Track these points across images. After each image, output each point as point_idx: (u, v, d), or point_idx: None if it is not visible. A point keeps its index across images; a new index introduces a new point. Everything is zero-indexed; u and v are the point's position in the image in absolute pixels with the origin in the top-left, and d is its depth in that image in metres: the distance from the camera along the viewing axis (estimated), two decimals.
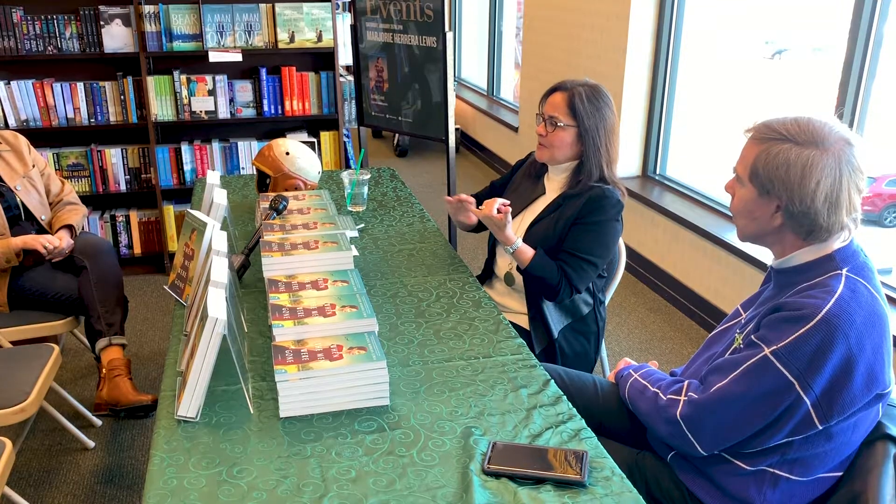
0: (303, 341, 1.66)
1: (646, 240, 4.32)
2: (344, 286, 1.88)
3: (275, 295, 1.84)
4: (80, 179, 4.22)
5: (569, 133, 2.26)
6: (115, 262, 2.85)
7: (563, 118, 2.25)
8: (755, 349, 1.51)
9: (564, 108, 2.25)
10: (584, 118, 2.24)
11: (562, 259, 2.25)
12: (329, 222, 2.26)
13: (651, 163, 4.49)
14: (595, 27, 4.64)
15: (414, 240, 2.58)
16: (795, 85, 4.32)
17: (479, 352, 1.83)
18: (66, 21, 3.99)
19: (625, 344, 3.64)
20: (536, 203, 2.39)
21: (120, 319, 2.75)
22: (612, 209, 2.25)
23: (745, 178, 1.56)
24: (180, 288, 2.09)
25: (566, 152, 2.29)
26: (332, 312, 1.74)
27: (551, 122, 2.26)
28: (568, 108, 2.25)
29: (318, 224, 2.24)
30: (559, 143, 2.27)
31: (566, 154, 2.29)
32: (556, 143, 2.28)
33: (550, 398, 1.64)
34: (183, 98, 4.17)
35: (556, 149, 2.28)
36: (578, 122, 2.24)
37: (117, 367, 2.64)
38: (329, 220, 2.28)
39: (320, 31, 4.21)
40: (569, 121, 2.25)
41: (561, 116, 2.25)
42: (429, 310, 2.06)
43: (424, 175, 6.56)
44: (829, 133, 1.48)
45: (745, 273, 3.49)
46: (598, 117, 2.25)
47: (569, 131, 2.26)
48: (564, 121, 2.25)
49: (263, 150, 2.80)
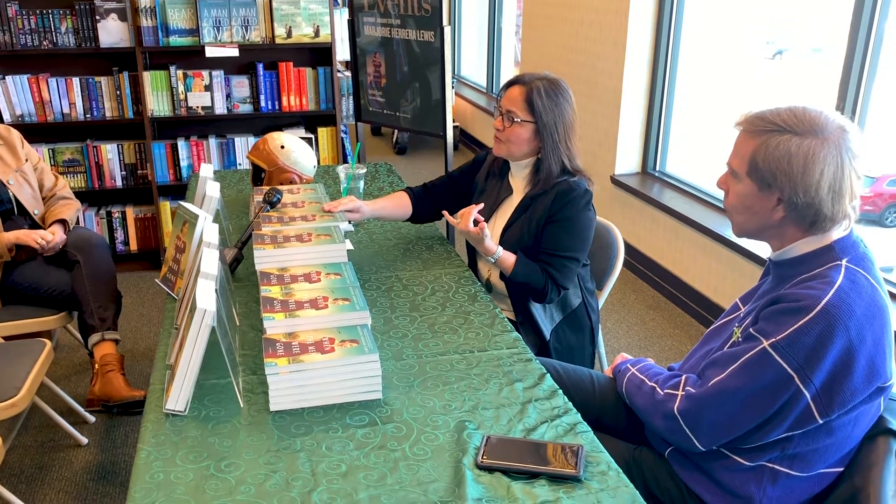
0: (294, 334, 1.63)
1: (645, 236, 4.29)
2: (337, 279, 1.85)
3: (266, 287, 1.81)
4: (76, 175, 4.19)
5: (526, 129, 2.19)
6: (108, 256, 2.82)
7: (520, 113, 2.18)
8: (754, 342, 1.49)
9: (522, 102, 2.18)
10: (542, 113, 2.17)
11: (542, 260, 2.21)
12: (326, 215, 2.23)
13: (651, 159, 4.46)
14: (594, 23, 4.61)
15: (410, 234, 2.55)
16: (796, 84, 4.30)
17: (474, 346, 1.81)
18: (62, 16, 3.96)
19: (624, 341, 3.61)
20: (505, 205, 2.33)
21: (113, 314, 2.73)
22: (580, 200, 2.19)
23: (741, 172, 1.53)
24: (172, 281, 2.07)
25: (523, 148, 2.23)
26: (325, 305, 1.72)
27: (508, 117, 2.20)
28: (525, 102, 2.18)
29: (315, 216, 2.21)
30: (516, 138, 2.21)
31: (523, 150, 2.24)
32: (513, 139, 2.21)
33: (546, 392, 1.61)
34: (179, 93, 4.14)
35: (513, 144, 2.22)
36: (536, 117, 2.17)
37: (110, 363, 2.62)
38: (326, 214, 2.25)
39: (317, 27, 4.18)
40: (526, 116, 2.18)
41: (518, 111, 2.19)
42: (423, 304, 2.03)
43: (423, 172, 6.52)
44: (827, 121, 1.46)
45: (745, 269, 3.46)
46: (556, 113, 2.18)
47: (526, 127, 2.19)
48: (521, 116, 2.18)
49: (258, 143, 2.77)
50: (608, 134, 4.51)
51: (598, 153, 4.63)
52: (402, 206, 2.46)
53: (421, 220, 2.51)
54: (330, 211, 2.25)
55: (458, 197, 2.48)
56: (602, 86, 4.53)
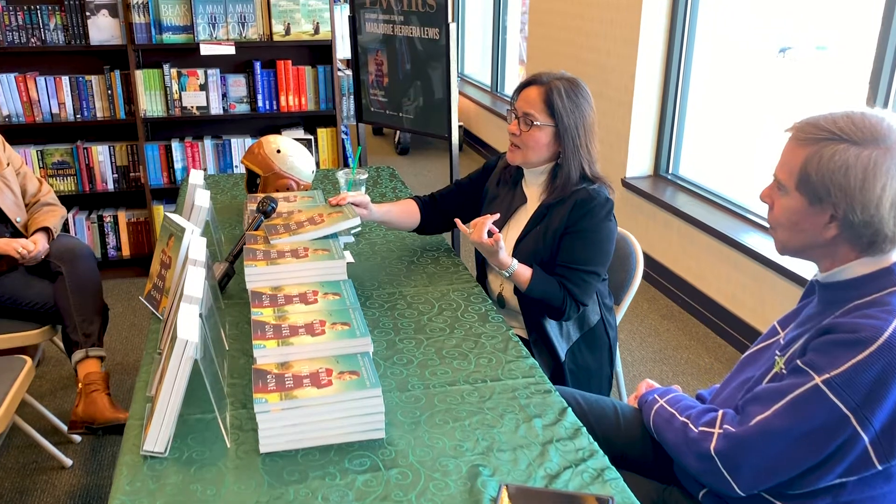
0: (287, 364, 1.47)
1: (658, 242, 4.12)
2: (335, 300, 1.69)
3: (258, 310, 1.64)
4: (66, 178, 4.03)
5: (545, 133, 2.03)
6: (93, 267, 2.66)
7: (539, 116, 2.01)
8: (803, 377, 1.32)
9: (540, 104, 2.01)
10: (563, 116, 2.00)
11: (560, 274, 2.04)
12: (335, 212, 2.08)
13: (663, 161, 4.29)
14: (605, 20, 4.44)
15: (414, 245, 2.38)
16: (814, 82, 4.12)
17: (487, 374, 1.64)
18: (50, 12, 3.79)
19: (637, 354, 3.44)
20: (518, 214, 2.16)
21: (98, 329, 2.56)
22: (601, 209, 2.03)
23: (790, 185, 1.36)
24: (156, 299, 1.90)
25: (542, 154, 2.06)
26: (321, 331, 1.55)
27: (526, 121, 2.03)
28: (544, 104, 2.01)
29: (324, 216, 2.05)
30: (534, 143, 2.04)
31: (542, 156, 2.07)
32: (531, 144, 2.04)
33: (568, 430, 1.44)
34: (173, 93, 3.98)
35: (531, 150, 2.05)
36: (556, 120, 2.00)
37: (94, 382, 2.45)
38: (334, 210, 2.10)
39: (317, 23, 4.01)
40: (545, 119, 2.02)
41: (536, 114, 2.01)
42: (430, 324, 1.86)
43: (426, 174, 6.36)
44: (890, 129, 1.29)
45: (766, 278, 3.29)
46: (577, 115, 2.01)
47: (545, 131, 2.03)
48: (541, 119, 2.02)
49: (253, 147, 2.60)
50: (619, 135, 4.34)
51: (609, 155, 4.45)
52: (411, 214, 2.30)
53: (428, 231, 2.35)
54: (338, 204, 2.09)
55: (466, 206, 2.32)
56: (613, 84, 4.36)
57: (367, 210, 2.14)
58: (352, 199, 2.11)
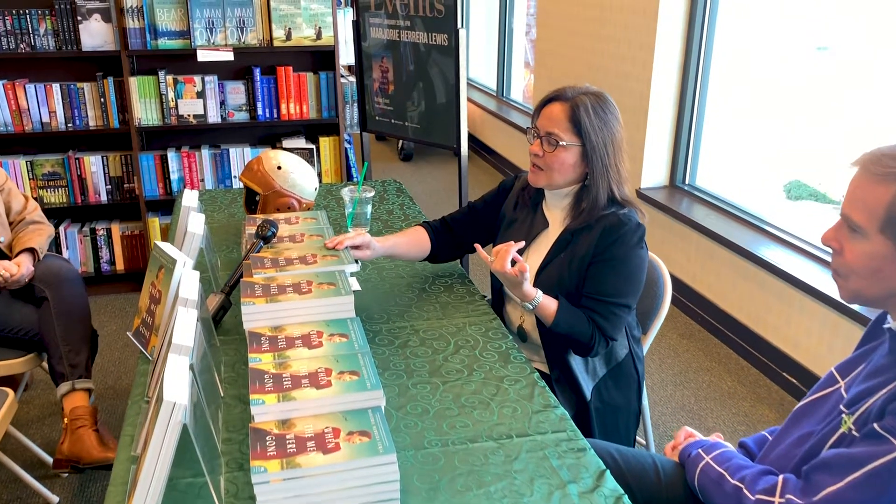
0: (289, 423, 1.29)
1: (676, 256, 3.95)
2: (342, 342, 1.52)
3: (256, 355, 1.47)
4: (57, 189, 3.86)
5: (571, 153, 1.86)
6: (81, 291, 2.48)
7: (564, 135, 1.84)
8: (882, 444, 1.15)
9: (566, 122, 1.84)
10: (591, 134, 1.83)
11: (587, 306, 1.87)
12: (330, 255, 1.89)
13: (680, 171, 4.12)
14: (618, 23, 4.26)
15: (425, 270, 2.21)
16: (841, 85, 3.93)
17: (512, 427, 1.47)
18: (40, 16, 3.62)
19: (657, 376, 3.27)
20: (539, 240, 1.99)
21: (86, 359, 2.39)
22: (632, 237, 1.86)
23: (870, 228, 1.19)
24: (145, 337, 1.73)
25: (567, 176, 1.89)
26: (328, 382, 1.38)
27: (550, 141, 1.86)
28: (570, 122, 1.84)
29: (317, 257, 1.87)
30: (559, 165, 1.87)
31: (567, 178, 1.90)
32: (555, 166, 1.87)
33: (608, 499, 1.27)
34: (169, 101, 3.81)
35: (556, 172, 1.88)
36: (584, 139, 1.84)
37: (81, 417, 2.28)
38: (329, 252, 1.91)
39: (320, 28, 3.84)
40: (572, 138, 1.85)
41: (562, 133, 1.84)
42: (446, 365, 1.69)
43: (430, 181, 6.19)
44: None
45: (793, 298, 3.12)
46: (605, 132, 1.85)
47: (571, 151, 1.86)
48: (567, 138, 1.85)
49: (252, 163, 2.43)
50: (633, 143, 4.16)
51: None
52: (420, 244, 2.12)
53: (440, 259, 2.18)
54: (335, 248, 1.91)
55: (481, 231, 2.14)
56: (627, 91, 4.19)
57: (369, 250, 1.96)
58: (350, 241, 1.91)
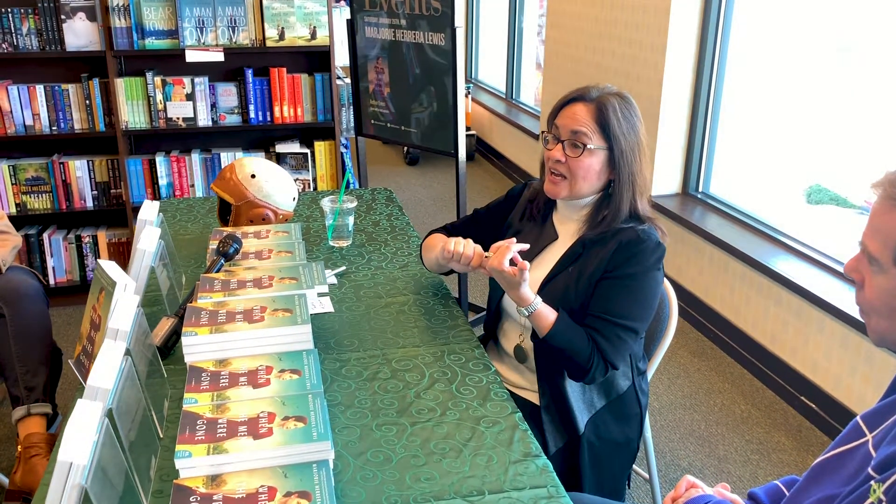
0: (219, 479, 1.11)
1: (687, 268, 3.74)
2: (293, 380, 1.33)
3: (192, 396, 1.29)
4: (41, 195, 3.71)
5: (598, 158, 1.68)
6: (42, 309, 2.31)
7: (592, 137, 1.67)
8: None
9: (593, 123, 1.67)
10: (620, 138, 1.66)
11: (590, 325, 1.68)
12: (290, 277, 1.71)
13: (693, 178, 3.91)
14: (630, 24, 4.06)
15: (407, 288, 2.02)
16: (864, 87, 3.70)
17: (485, 481, 1.28)
18: (23, 15, 3.48)
19: (665, 399, 3.06)
20: (547, 252, 1.81)
21: (43, 382, 2.22)
22: (650, 256, 1.68)
23: (885, 260, 0.99)
24: (85, 366, 1.55)
25: (592, 184, 1.71)
26: (268, 430, 1.19)
27: (574, 144, 1.68)
28: (597, 124, 1.67)
29: (273, 279, 1.69)
30: (584, 171, 1.69)
31: (593, 186, 1.72)
32: (581, 173, 1.69)
33: None
34: (157, 103, 3.65)
35: (581, 180, 1.70)
36: (612, 143, 1.67)
37: (35, 445, 2.11)
38: (290, 275, 1.72)
39: (314, 28, 3.67)
40: (599, 141, 1.67)
41: (589, 135, 1.67)
42: (417, 402, 1.50)
43: (436, 186, 6.01)
44: None
45: (811, 316, 2.90)
46: (632, 136, 1.69)
47: (598, 156, 1.68)
48: (595, 141, 1.67)
49: (224, 171, 2.26)
50: None
51: None
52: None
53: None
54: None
55: (484, 240, 1.96)
56: (638, 94, 3.98)
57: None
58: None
